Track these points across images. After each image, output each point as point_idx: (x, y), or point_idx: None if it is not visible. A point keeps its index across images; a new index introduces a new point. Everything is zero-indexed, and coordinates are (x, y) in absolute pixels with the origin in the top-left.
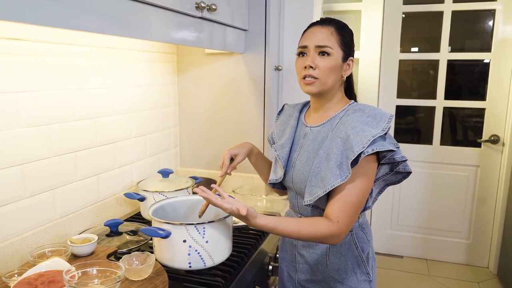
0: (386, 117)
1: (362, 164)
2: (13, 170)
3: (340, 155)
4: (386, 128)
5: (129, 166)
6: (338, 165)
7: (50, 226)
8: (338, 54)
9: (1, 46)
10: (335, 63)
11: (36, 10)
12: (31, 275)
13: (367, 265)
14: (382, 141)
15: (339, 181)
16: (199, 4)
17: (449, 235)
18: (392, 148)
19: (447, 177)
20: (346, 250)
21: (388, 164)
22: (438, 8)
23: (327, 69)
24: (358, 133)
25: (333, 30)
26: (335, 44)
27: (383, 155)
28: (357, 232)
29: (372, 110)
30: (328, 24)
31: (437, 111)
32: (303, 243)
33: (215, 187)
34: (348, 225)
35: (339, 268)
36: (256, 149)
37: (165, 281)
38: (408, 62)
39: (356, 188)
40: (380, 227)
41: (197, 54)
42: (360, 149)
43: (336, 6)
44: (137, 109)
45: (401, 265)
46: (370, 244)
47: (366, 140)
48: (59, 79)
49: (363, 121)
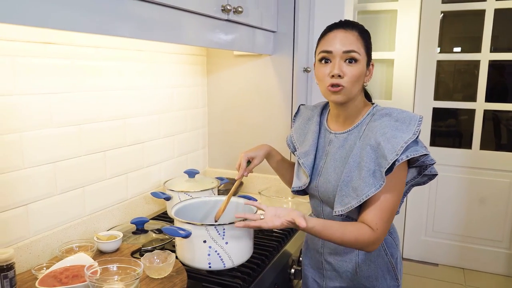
0: (415, 120)
1: (396, 171)
2: (45, 168)
3: (373, 164)
4: (417, 131)
5: (157, 166)
6: (371, 173)
7: (80, 222)
8: (364, 60)
9: (35, 49)
10: (362, 70)
11: (77, 19)
12: (57, 269)
13: (397, 270)
14: (415, 146)
15: (374, 190)
16: (225, 7)
17: (488, 244)
18: (425, 152)
19: (487, 183)
20: (376, 257)
21: (416, 167)
22: (479, 6)
23: (354, 77)
24: (389, 140)
25: (357, 34)
26: (362, 49)
27: (415, 159)
28: (386, 238)
29: (399, 113)
30: (352, 27)
31: (477, 114)
32: (330, 250)
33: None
34: (384, 232)
35: (369, 275)
36: (275, 152)
37: (184, 280)
38: (449, 63)
39: (391, 195)
40: (414, 233)
41: (226, 56)
42: (394, 157)
43: (370, 5)
44: (166, 110)
45: (435, 273)
46: (398, 249)
47: (399, 147)
48: (90, 81)
49: (392, 126)
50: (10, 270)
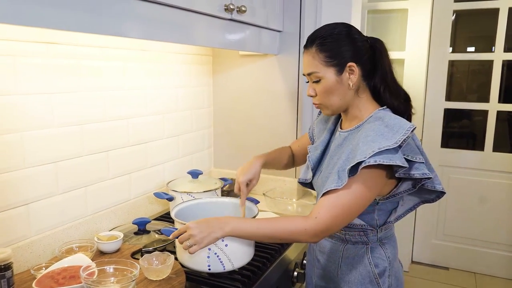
0: (404, 128)
1: (363, 174)
2: (47, 167)
3: (343, 162)
4: (400, 140)
5: (160, 166)
6: (338, 171)
7: (81, 222)
8: (329, 73)
9: (37, 49)
10: (328, 84)
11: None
12: (55, 269)
13: (380, 283)
14: (391, 154)
15: (333, 186)
16: (227, 6)
17: (501, 248)
18: (399, 164)
19: (499, 186)
20: (358, 263)
21: (410, 180)
22: (493, 4)
23: (323, 93)
24: (367, 143)
25: (314, 51)
26: (319, 65)
27: (395, 169)
28: (374, 247)
29: (392, 119)
30: (310, 45)
31: (490, 115)
32: (320, 248)
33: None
34: (328, 225)
35: (349, 281)
36: (267, 159)
37: (182, 283)
38: (462, 63)
39: (348, 195)
40: (424, 236)
41: (231, 56)
42: (361, 158)
43: (381, 4)
44: (170, 110)
45: (446, 277)
46: (389, 262)
47: (370, 151)
48: (93, 81)
49: (379, 131)
50: (8, 270)
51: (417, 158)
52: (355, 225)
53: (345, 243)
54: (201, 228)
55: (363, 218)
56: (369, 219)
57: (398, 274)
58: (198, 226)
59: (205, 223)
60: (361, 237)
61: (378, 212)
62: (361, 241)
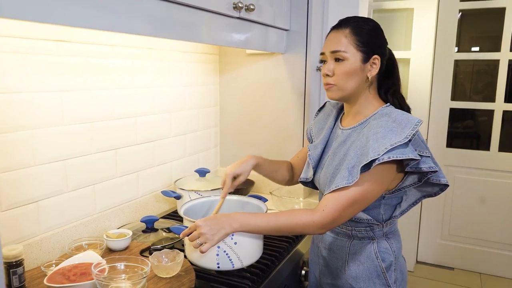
0: (412, 123)
1: (375, 170)
2: (56, 165)
3: (355, 160)
4: (410, 135)
5: (168, 165)
6: (349, 168)
7: (90, 220)
8: (356, 56)
9: (47, 47)
10: (352, 67)
11: (95, 17)
12: (65, 266)
13: (387, 277)
14: (402, 149)
15: (344, 183)
16: (236, 4)
17: (506, 248)
18: (412, 157)
19: (505, 186)
20: (366, 259)
21: (417, 174)
22: (499, 4)
23: (343, 75)
24: (378, 140)
25: (347, 32)
26: (350, 46)
27: (406, 163)
28: (380, 241)
29: (399, 115)
30: (344, 26)
31: (496, 115)
32: (325, 245)
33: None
34: (334, 217)
35: (357, 276)
36: (263, 161)
37: (192, 280)
38: (468, 62)
39: (359, 189)
40: (429, 237)
41: (238, 55)
42: (375, 156)
43: (386, 4)
44: (177, 108)
45: (451, 278)
46: (395, 256)
47: (383, 148)
48: (102, 79)
49: (387, 127)
50: (19, 267)
51: (424, 152)
52: (362, 219)
53: (351, 239)
54: (211, 225)
55: (369, 213)
56: (376, 213)
57: (403, 268)
58: (207, 223)
59: (214, 220)
60: (367, 232)
61: (384, 206)
62: (367, 236)
